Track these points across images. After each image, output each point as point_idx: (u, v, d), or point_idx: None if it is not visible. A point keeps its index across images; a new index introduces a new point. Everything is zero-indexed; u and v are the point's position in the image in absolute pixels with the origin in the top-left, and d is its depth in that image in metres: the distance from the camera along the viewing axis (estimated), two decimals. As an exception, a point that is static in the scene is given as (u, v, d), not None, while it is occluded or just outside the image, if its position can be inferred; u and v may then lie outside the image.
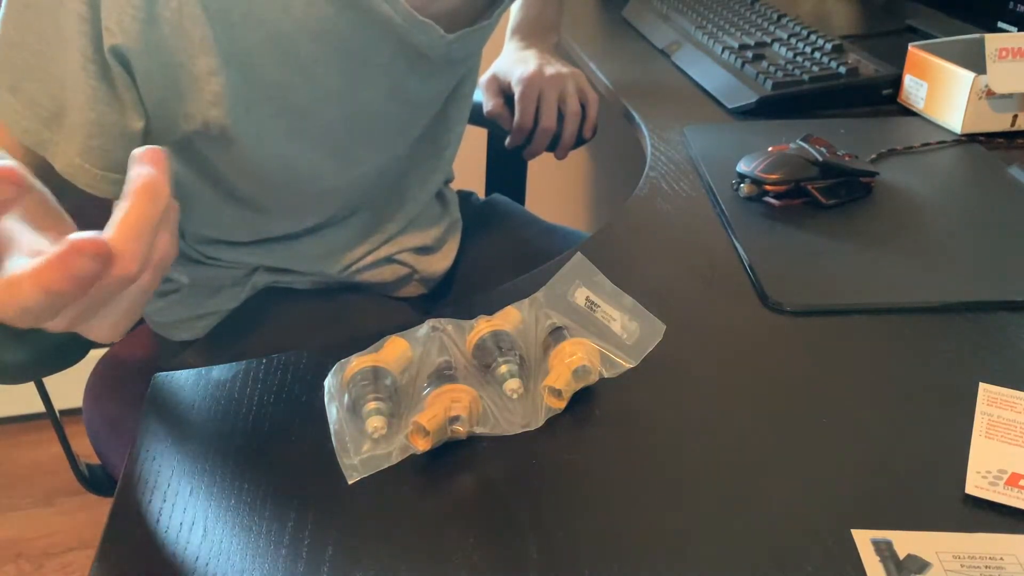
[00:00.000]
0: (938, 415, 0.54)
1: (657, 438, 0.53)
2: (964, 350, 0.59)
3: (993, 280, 0.66)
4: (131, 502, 0.50)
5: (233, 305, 0.84)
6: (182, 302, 0.84)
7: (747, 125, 0.97)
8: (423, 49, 0.71)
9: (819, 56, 1.06)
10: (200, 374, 0.60)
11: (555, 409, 0.54)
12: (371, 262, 0.87)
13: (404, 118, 0.78)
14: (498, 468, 0.51)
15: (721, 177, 0.82)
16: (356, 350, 0.55)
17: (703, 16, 1.26)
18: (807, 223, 0.75)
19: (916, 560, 0.44)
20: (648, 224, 0.76)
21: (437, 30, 0.70)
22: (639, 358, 0.56)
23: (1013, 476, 0.48)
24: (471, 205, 1.04)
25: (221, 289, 0.84)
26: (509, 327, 0.57)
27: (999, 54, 0.88)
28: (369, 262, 0.87)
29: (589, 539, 0.46)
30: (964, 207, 0.78)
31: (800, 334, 0.62)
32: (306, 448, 0.53)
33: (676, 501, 0.48)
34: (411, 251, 0.90)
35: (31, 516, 1.67)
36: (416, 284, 0.92)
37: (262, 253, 0.83)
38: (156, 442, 0.54)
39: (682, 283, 0.68)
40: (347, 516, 0.48)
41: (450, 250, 0.94)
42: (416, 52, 0.71)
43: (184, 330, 0.85)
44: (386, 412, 0.51)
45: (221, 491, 0.50)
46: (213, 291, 0.84)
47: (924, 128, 0.94)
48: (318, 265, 0.84)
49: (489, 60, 1.01)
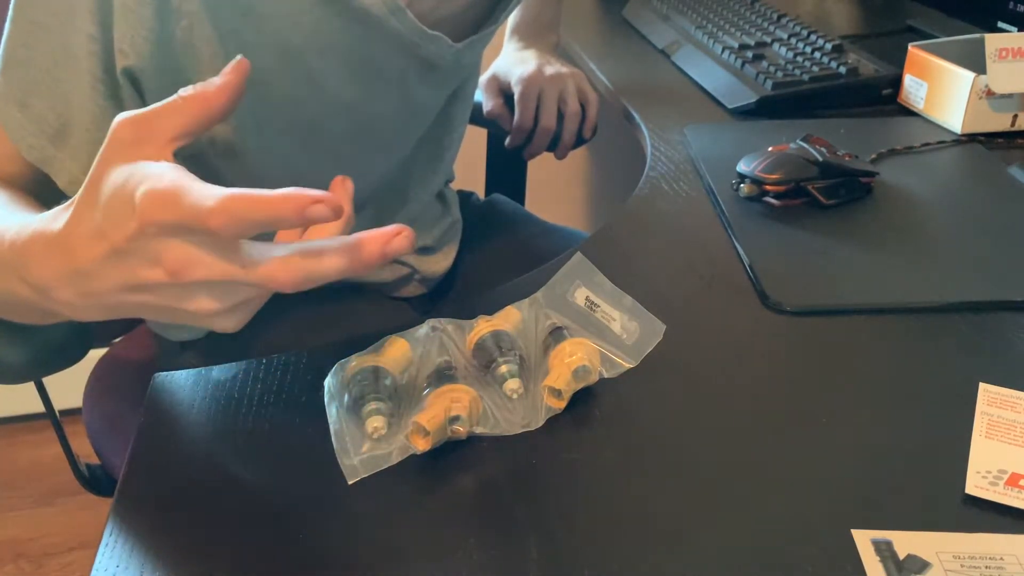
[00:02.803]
0: (938, 415, 0.54)
1: (657, 438, 0.53)
2: (964, 350, 0.59)
3: (993, 280, 0.66)
4: (131, 502, 0.50)
5: None
6: None
7: (747, 125, 0.97)
8: (433, 60, 0.71)
9: (819, 56, 1.07)
10: (200, 374, 0.60)
11: (555, 409, 0.54)
12: None
13: (410, 124, 0.78)
14: (498, 468, 0.51)
15: (721, 177, 0.82)
16: (356, 350, 0.55)
17: (703, 16, 1.26)
18: (807, 223, 0.75)
19: (916, 560, 0.44)
20: (648, 224, 0.76)
21: (446, 41, 0.70)
22: (639, 358, 0.56)
23: (1013, 476, 0.48)
24: (471, 205, 1.04)
25: None
26: (509, 327, 0.57)
27: (999, 54, 0.88)
28: None
29: (589, 539, 0.46)
30: (964, 207, 0.78)
31: (800, 334, 0.62)
32: (306, 448, 0.53)
33: (676, 501, 0.48)
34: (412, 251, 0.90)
35: (31, 516, 1.67)
36: (416, 284, 0.92)
37: None
38: (156, 442, 0.54)
39: (682, 283, 0.68)
40: (347, 516, 0.48)
41: (450, 250, 0.94)
42: (426, 64, 0.71)
43: (182, 330, 0.85)
44: (386, 412, 0.51)
45: (221, 491, 0.50)
46: None
47: (924, 128, 0.94)
48: None
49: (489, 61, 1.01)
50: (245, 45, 0.62)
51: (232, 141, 0.65)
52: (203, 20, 0.59)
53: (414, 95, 0.74)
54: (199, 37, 0.60)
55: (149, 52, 0.58)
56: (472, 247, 0.98)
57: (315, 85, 0.66)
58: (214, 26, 0.60)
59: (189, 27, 0.59)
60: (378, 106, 0.72)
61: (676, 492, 0.49)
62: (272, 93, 0.65)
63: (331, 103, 0.68)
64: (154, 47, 0.59)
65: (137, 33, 0.57)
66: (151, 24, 0.58)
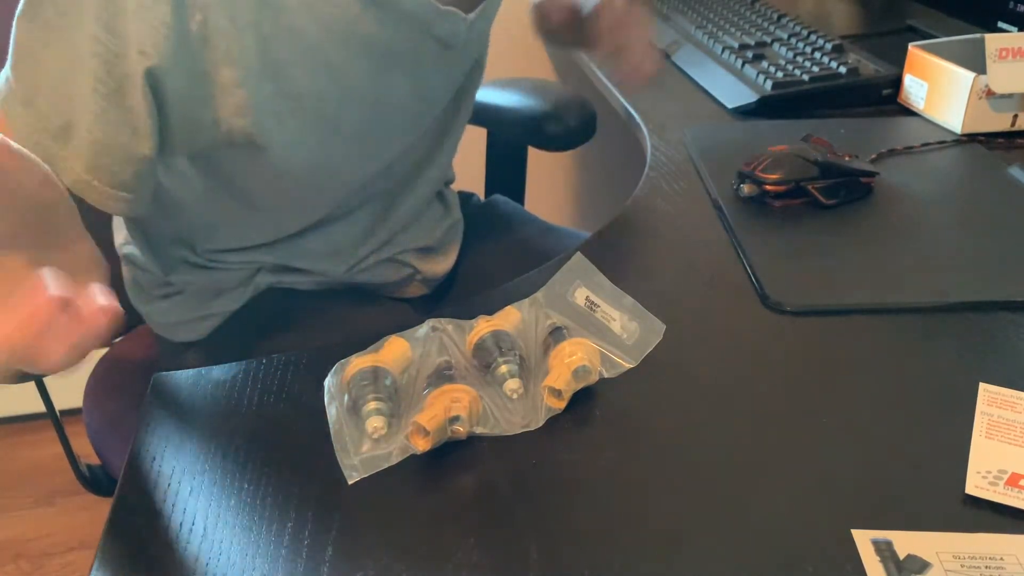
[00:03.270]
0: (938, 415, 0.54)
1: (657, 438, 0.53)
2: (964, 350, 0.59)
3: (993, 280, 0.66)
4: (131, 502, 0.50)
5: (236, 306, 0.84)
6: (185, 303, 0.85)
7: (747, 125, 0.97)
8: (447, 39, 0.71)
9: (819, 56, 1.06)
10: (200, 374, 0.60)
11: (555, 409, 0.54)
12: (374, 262, 0.87)
13: (422, 110, 0.78)
14: (498, 468, 0.51)
15: (721, 177, 0.82)
16: (356, 350, 0.55)
17: (703, 16, 1.26)
18: (807, 223, 0.75)
19: (916, 560, 0.44)
20: (648, 224, 0.76)
21: (459, 15, 0.70)
22: (639, 358, 0.56)
23: (1013, 476, 0.48)
24: (471, 206, 1.04)
25: (225, 291, 0.84)
26: (509, 327, 0.57)
27: (999, 54, 0.88)
28: (372, 262, 0.87)
29: (589, 539, 0.46)
30: (964, 207, 0.78)
31: (800, 334, 0.62)
32: (306, 448, 0.53)
33: (676, 501, 0.48)
34: (413, 251, 0.90)
35: (31, 516, 1.67)
36: (418, 285, 0.92)
37: (269, 252, 0.83)
38: (156, 442, 0.54)
39: (682, 283, 0.68)
40: (347, 516, 0.48)
41: (452, 251, 0.94)
42: (440, 43, 0.71)
43: (186, 331, 0.85)
44: (386, 412, 0.51)
45: (221, 491, 0.50)
46: (216, 293, 0.84)
47: (924, 128, 0.94)
48: (323, 263, 0.85)
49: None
50: (265, 39, 0.62)
51: (251, 134, 0.65)
52: (219, 13, 0.59)
53: (426, 78, 0.74)
54: (213, 30, 0.60)
55: (171, 50, 0.58)
56: (473, 248, 0.98)
57: (333, 74, 0.66)
58: (230, 19, 0.60)
59: (203, 20, 0.59)
60: (394, 94, 0.72)
61: (676, 492, 0.49)
62: (292, 86, 0.65)
63: (349, 91, 0.68)
64: (175, 45, 0.59)
65: (157, 32, 0.58)
66: (168, 20, 0.58)
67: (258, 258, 0.83)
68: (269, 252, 0.83)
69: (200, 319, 0.85)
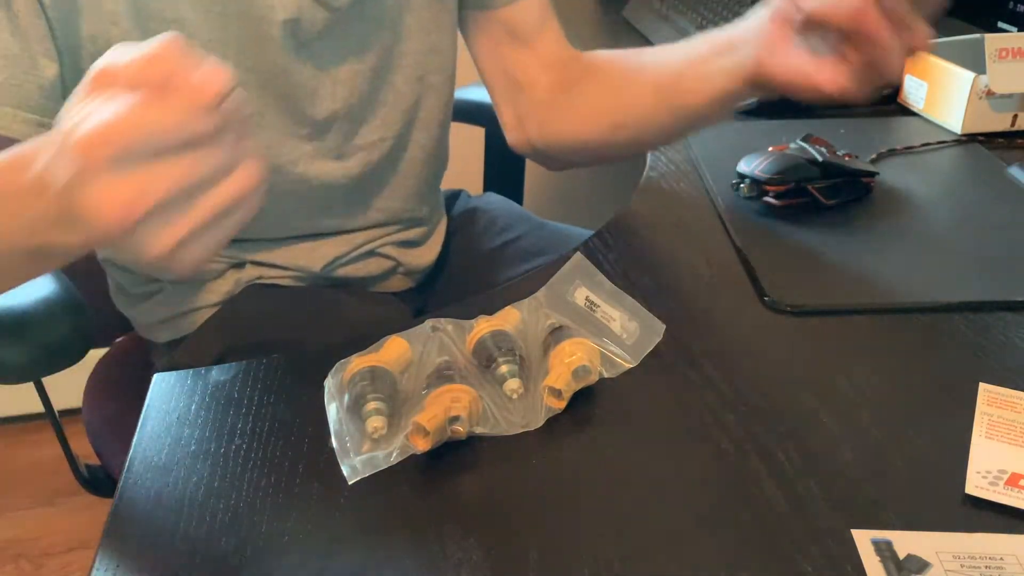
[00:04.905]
0: (938, 415, 0.54)
1: (657, 438, 0.53)
2: (964, 350, 0.59)
3: (993, 280, 0.66)
4: (131, 502, 0.50)
5: (217, 299, 0.84)
6: (164, 302, 0.84)
7: (747, 125, 0.97)
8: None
9: (819, 56, 1.06)
10: (200, 374, 0.60)
11: (555, 409, 0.54)
12: (354, 256, 0.86)
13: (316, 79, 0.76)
14: (498, 468, 0.51)
15: (721, 177, 0.82)
16: (356, 350, 0.55)
17: (703, 16, 1.26)
18: (807, 223, 0.75)
19: (916, 560, 0.44)
20: (648, 224, 0.76)
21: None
22: (639, 358, 0.56)
23: (1013, 476, 0.48)
24: (461, 201, 1.04)
25: (203, 284, 0.83)
26: (509, 327, 0.57)
27: (999, 54, 0.88)
28: (352, 256, 0.86)
29: (589, 539, 0.46)
30: (964, 207, 0.78)
31: (800, 334, 0.62)
32: (306, 448, 0.53)
33: (676, 501, 0.48)
34: (394, 244, 0.89)
35: (31, 516, 1.67)
36: (401, 278, 0.92)
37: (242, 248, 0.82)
38: (155, 442, 0.54)
39: (682, 283, 0.68)
40: (347, 516, 0.48)
41: (435, 243, 0.94)
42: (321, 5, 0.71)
43: (168, 330, 0.85)
44: (386, 412, 0.51)
45: (221, 491, 0.50)
46: (195, 287, 0.84)
47: (924, 128, 0.94)
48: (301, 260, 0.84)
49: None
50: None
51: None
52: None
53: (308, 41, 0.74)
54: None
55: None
56: (459, 242, 0.97)
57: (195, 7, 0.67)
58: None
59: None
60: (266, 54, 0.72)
61: (676, 492, 0.49)
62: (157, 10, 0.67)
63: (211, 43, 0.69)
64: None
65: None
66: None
67: (235, 253, 0.83)
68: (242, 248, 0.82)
69: (182, 315, 0.84)
